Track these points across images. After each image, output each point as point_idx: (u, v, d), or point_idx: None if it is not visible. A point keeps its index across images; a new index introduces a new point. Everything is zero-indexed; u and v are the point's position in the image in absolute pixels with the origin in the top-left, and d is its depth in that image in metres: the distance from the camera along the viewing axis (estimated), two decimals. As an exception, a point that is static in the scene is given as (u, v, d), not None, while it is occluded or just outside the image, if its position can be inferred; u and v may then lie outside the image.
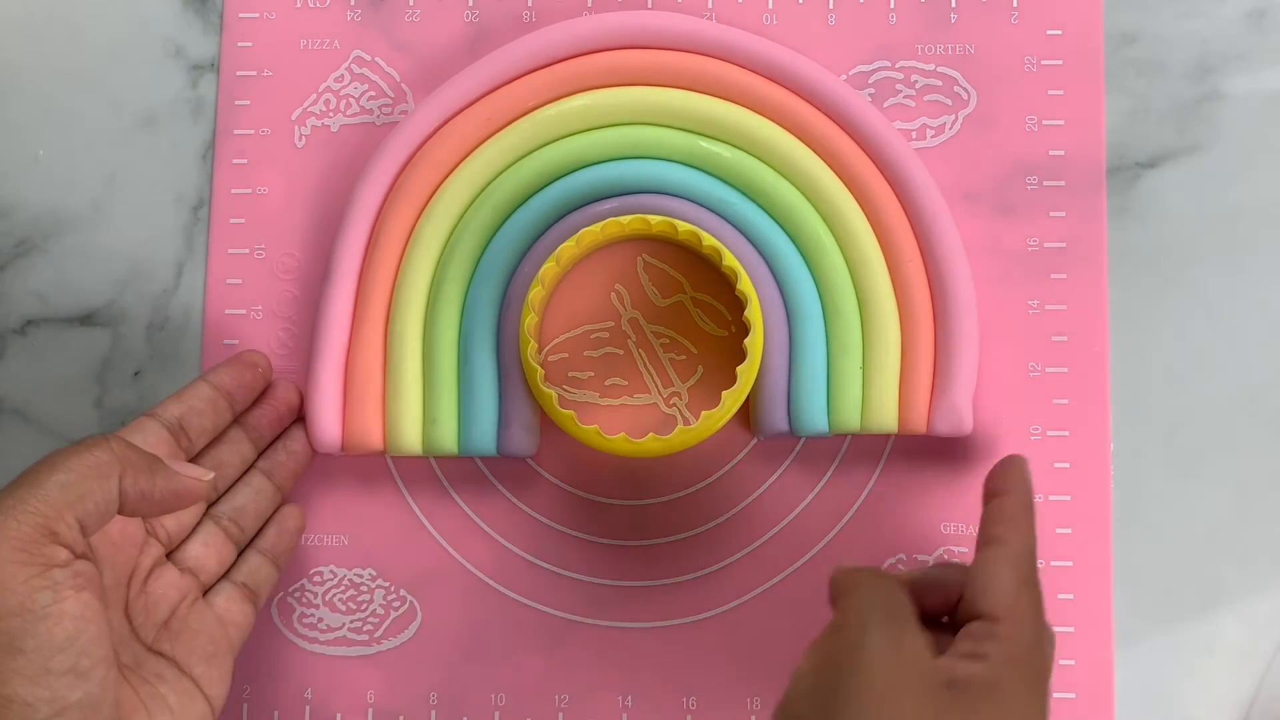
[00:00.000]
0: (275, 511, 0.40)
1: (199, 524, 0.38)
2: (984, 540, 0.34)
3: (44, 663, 0.29)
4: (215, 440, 0.39)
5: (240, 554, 0.39)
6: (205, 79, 0.44)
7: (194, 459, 0.38)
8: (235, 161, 0.44)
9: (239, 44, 0.44)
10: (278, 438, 0.41)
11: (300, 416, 0.41)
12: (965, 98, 0.43)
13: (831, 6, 0.43)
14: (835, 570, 0.34)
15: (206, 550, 0.38)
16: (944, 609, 0.34)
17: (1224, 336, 0.42)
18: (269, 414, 0.40)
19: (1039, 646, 0.33)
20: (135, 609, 0.35)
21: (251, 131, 0.44)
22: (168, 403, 0.37)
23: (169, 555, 0.37)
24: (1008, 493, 0.35)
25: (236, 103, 0.44)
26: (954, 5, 0.43)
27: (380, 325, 0.41)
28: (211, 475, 0.34)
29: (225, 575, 0.38)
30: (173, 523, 0.37)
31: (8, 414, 0.43)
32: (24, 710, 0.29)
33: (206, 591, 0.37)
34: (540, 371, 0.38)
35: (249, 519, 0.39)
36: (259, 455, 0.40)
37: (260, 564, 0.39)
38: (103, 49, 0.44)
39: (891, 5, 0.43)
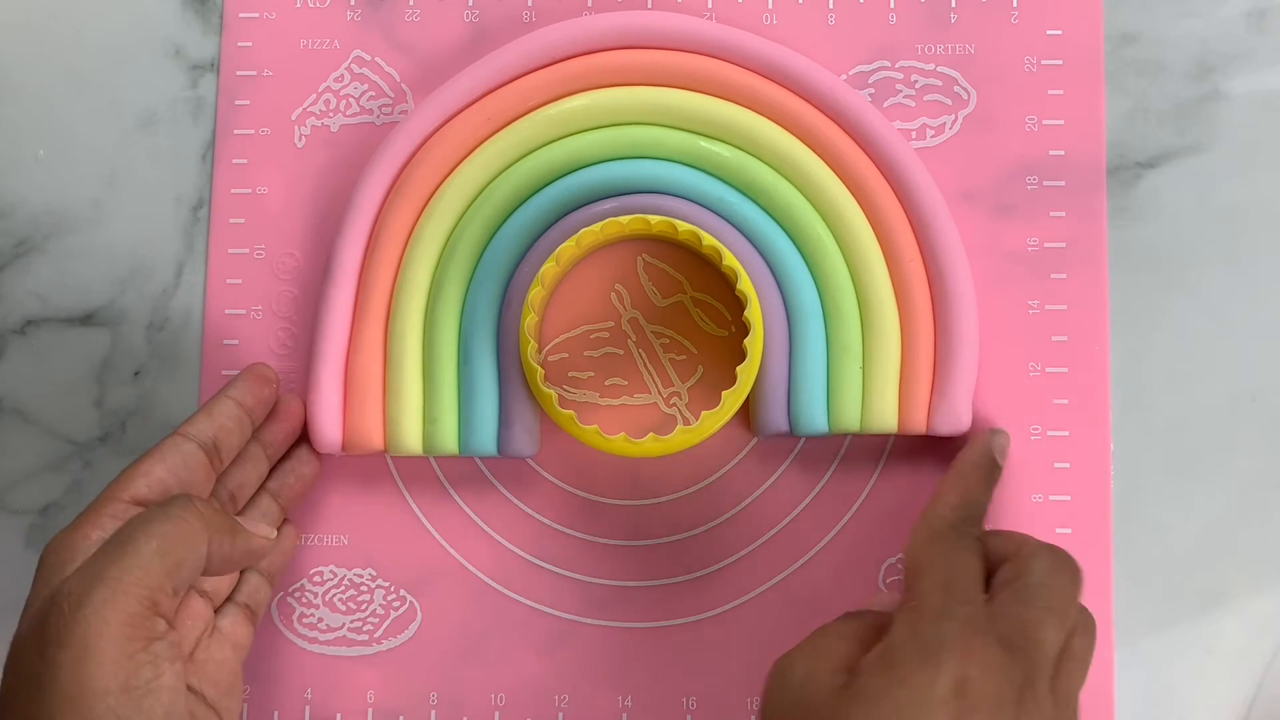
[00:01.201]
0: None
1: None
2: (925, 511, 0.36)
3: None
4: (238, 459, 0.39)
5: (241, 573, 0.39)
6: (205, 79, 0.44)
7: (219, 477, 0.38)
8: (235, 161, 0.44)
9: (239, 44, 0.44)
10: (287, 458, 0.41)
11: (306, 436, 0.41)
12: (965, 98, 0.43)
13: (831, 6, 0.43)
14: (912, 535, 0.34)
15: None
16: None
17: (1224, 336, 0.42)
18: (284, 430, 0.40)
19: (1065, 583, 0.32)
20: None
21: (251, 131, 0.44)
22: (199, 421, 0.37)
23: None
24: (964, 472, 0.37)
25: (236, 103, 0.44)
26: (954, 5, 0.43)
27: (380, 325, 0.41)
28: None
29: (229, 596, 0.38)
30: None
31: (8, 414, 0.43)
32: None
33: (216, 613, 0.38)
34: (540, 371, 0.38)
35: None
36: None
37: (259, 583, 0.39)
38: (103, 49, 0.44)
39: (891, 5, 0.43)
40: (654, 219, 0.39)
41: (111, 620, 0.29)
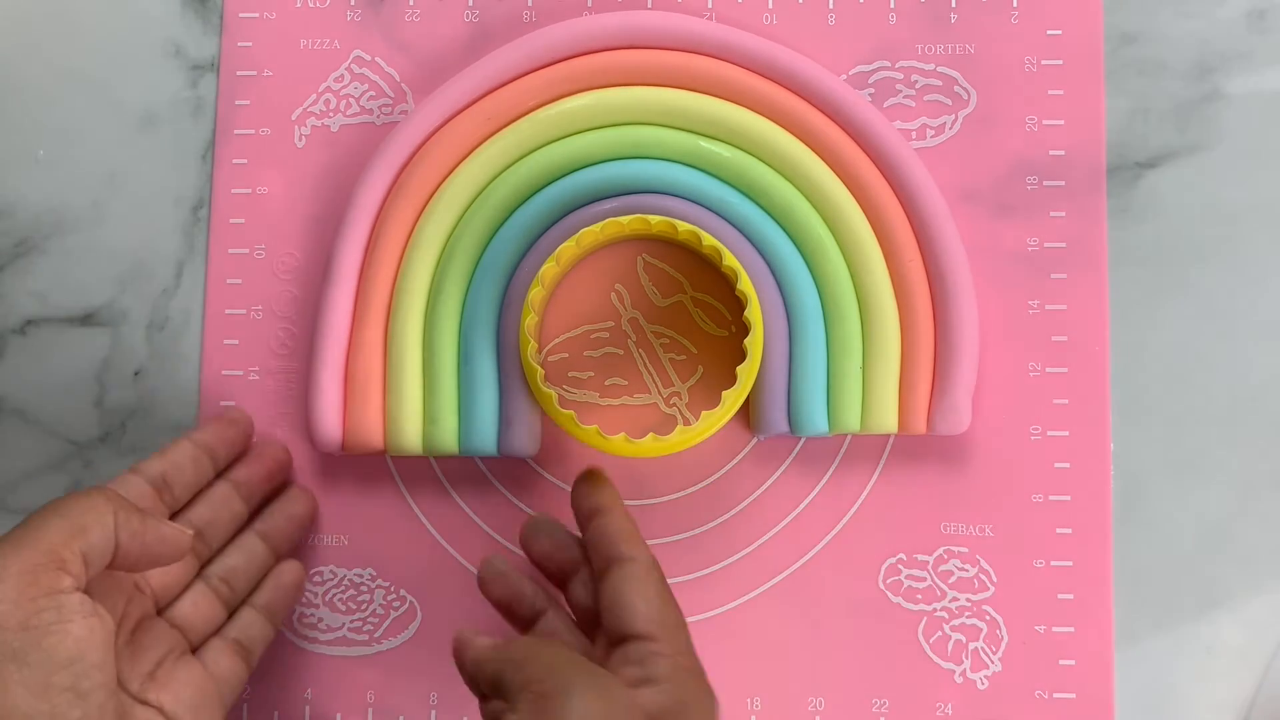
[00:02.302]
0: (273, 567, 0.40)
1: (191, 583, 0.38)
2: (608, 559, 0.35)
3: (46, 677, 0.30)
4: (203, 498, 0.39)
5: (234, 610, 0.38)
6: (205, 79, 0.44)
7: (178, 514, 0.38)
8: (235, 161, 0.44)
9: (239, 44, 0.44)
10: (277, 499, 0.41)
11: (292, 480, 0.42)
12: (965, 98, 0.43)
13: (831, 6, 0.43)
14: (480, 652, 0.33)
15: (195, 610, 0.37)
16: (547, 558, 0.37)
17: (1224, 336, 0.42)
18: (258, 470, 0.40)
19: (692, 649, 0.34)
20: (122, 658, 0.34)
21: (251, 131, 0.44)
22: (151, 459, 0.38)
23: (160, 612, 0.37)
24: (609, 509, 0.36)
25: (236, 103, 0.44)
26: (954, 5, 0.43)
27: (380, 325, 0.41)
28: (192, 533, 0.34)
29: (217, 632, 0.38)
30: (158, 580, 0.37)
31: (8, 414, 0.43)
32: None
33: (197, 649, 0.37)
34: (540, 371, 0.38)
35: (240, 580, 0.39)
36: (254, 514, 0.40)
37: (254, 620, 0.38)
38: (103, 49, 0.44)
39: (891, 5, 0.43)
40: (654, 219, 0.39)
41: (11, 566, 0.30)
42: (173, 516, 0.38)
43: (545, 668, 0.31)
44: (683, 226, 0.39)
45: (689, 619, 0.42)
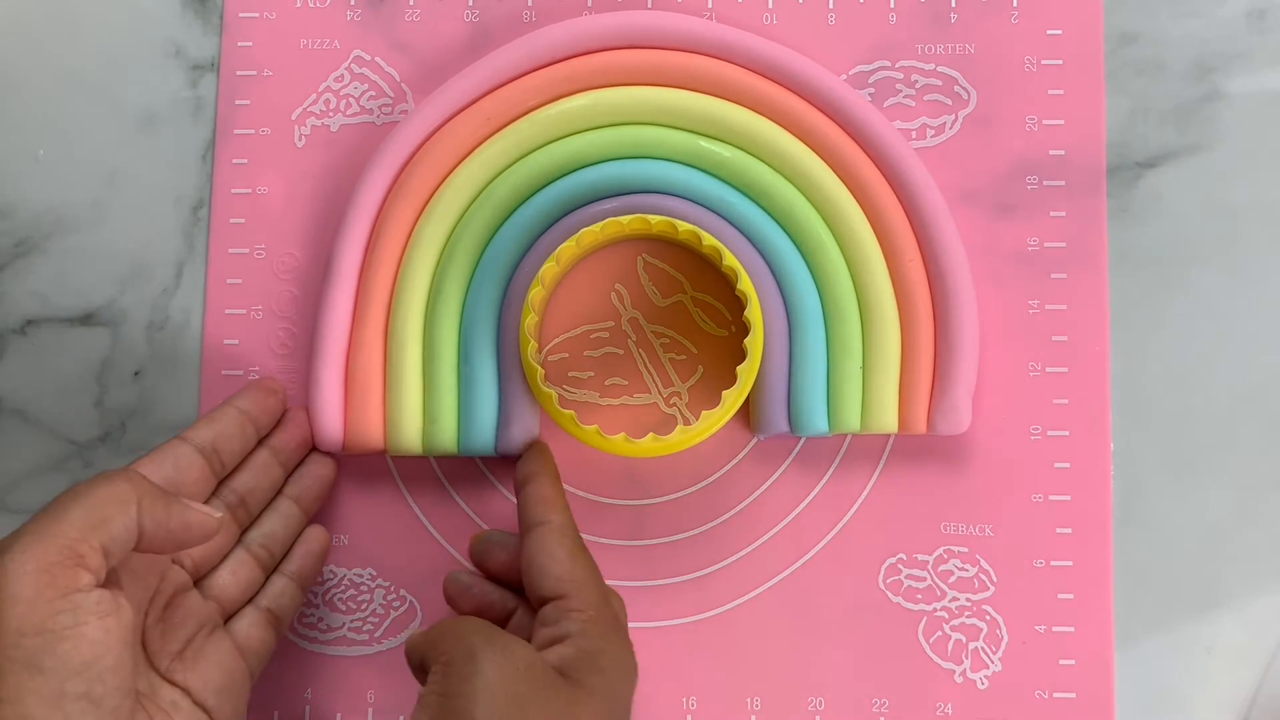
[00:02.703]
0: (301, 533, 0.40)
1: (231, 551, 0.38)
2: (527, 524, 0.37)
3: (60, 684, 0.29)
4: (245, 465, 0.39)
5: (266, 579, 0.39)
6: (205, 79, 0.44)
7: (224, 481, 0.38)
8: (235, 161, 0.44)
9: (239, 44, 0.44)
10: (303, 463, 0.41)
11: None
12: (965, 98, 0.43)
13: (831, 6, 0.43)
14: (411, 639, 0.35)
15: (235, 578, 0.38)
16: (507, 569, 0.38)
17: (1224, 336, 0.42)
18: (296, 436, 0.41)
19: (607, 602, 0.35)
20: (152, 636, 0.35)
21: (251, 131, 0.44)
22: (198, 427, 0.38)
23: (197, 582, 0.37)
24: (538, 476, 0.38)
25: (236, 103, 0.44)
26: (954, 5, 0.43)
27: (380, 325, 0.41)
28: (222, 514, 0.34)
29: (250, 600, 0.38)
30: (199, 550, 0.37)
31: (8, 414, 0.43)
32: None
33: (230, 618, 0.37)
34: (540, 371, 0.38)
35: (278, 544, 0.39)
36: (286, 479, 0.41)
37: (285, 587, 0.39)
38: (103, 49, 0.44)
39: (891, 5, 0.43)
40: (654, 219, 0.39)
41: (28, 565, 0.29)
42: (220, 484, 0.38)
43: (454, 638, 0.33)
44: (683, 226, 0.39)
45: (689, 619, 0.42)
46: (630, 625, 0.41)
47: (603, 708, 0.33)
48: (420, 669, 0.34)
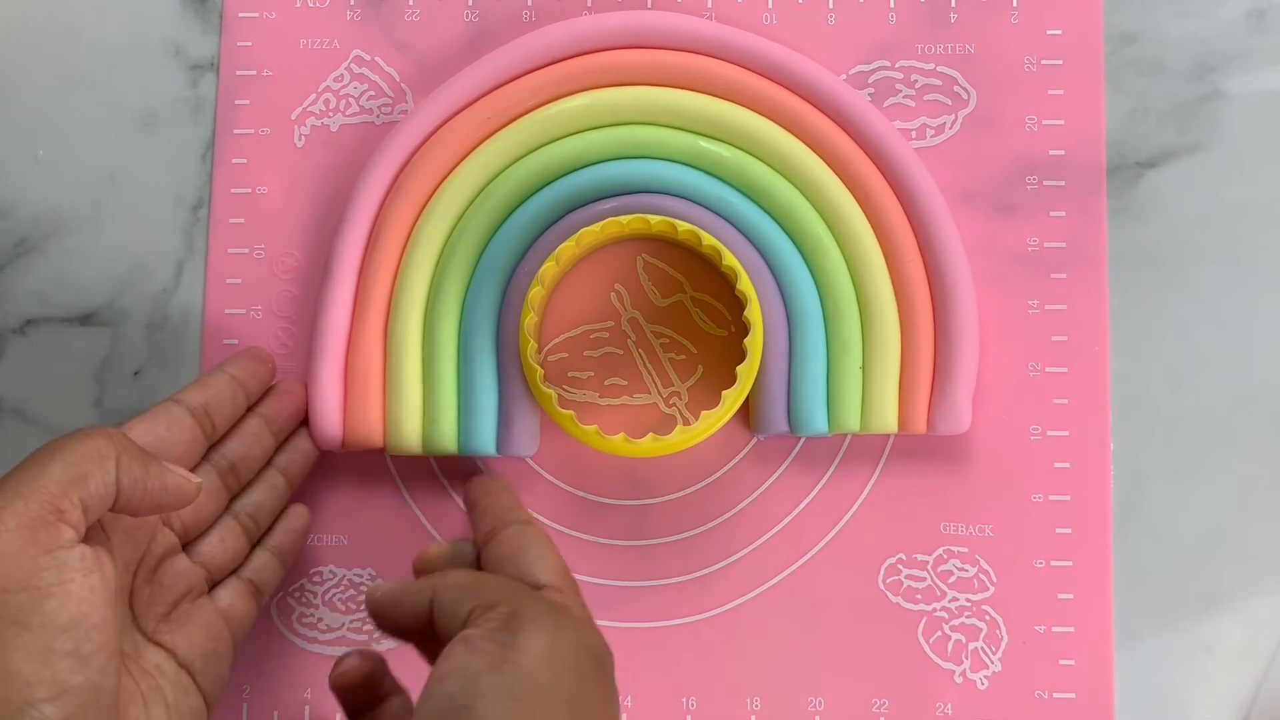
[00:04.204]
0: (284, 510, 0.40)
1: (220, 518, 0.38)
2: (503, 523, 0.35)
3: (48, 641, 0.29)
4: (237, 432, 0.39)
5: (250, 550, 0.39)
6: (205, 79, 0.44)
7: (216, 446, 0.38)
8: (235, 161, 0.44)
9: (239, 44, 0.44)
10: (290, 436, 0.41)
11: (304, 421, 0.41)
12: (965, 97, 0.43)
13: (831, 6, 0.43)
14: (393, 591, 0.33)
15: (222, 545, 0.38)
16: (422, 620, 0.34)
17: (1224, 336, 0.42)
18: (289, 406, 0.40)
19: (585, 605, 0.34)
20: (140, 597, 0.35)
21: (251, 131, 0.44)
22: (191, 389, 0.38)
23: (185, 547, 0.37)
24: (500, 490, 0.37)
25: (236, 102, 0.44)
26: (954, 5, 0.43)
27: (380, 325, 0.41)
28: (200, 481, 0.34)
29: (234, 571, 0.38)
30: (190, 514, 0.37)
31: (8, 414, 0.43)
32: (23, 689, 0.28)
33: (214, 586, 0.37)
34: (540, 371, 0.38)
35: (265, 515, 0.39)
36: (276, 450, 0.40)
37: (267, 561, 0.39)
38: (103, 49, 0.44)
39: (891, 5, 0.43)
40: (654, 219, 0.39)
41: (10, 522, 0.29)
42: (211, 448, 0.38)
43: (515, 594, 0.31)
44: (682, 226, 0.39)
45: (689, 619, 0.42)
46: (630, 625, 0.42)
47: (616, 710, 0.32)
48: (433, 619, 0.32)
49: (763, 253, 0.41)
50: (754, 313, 0.39)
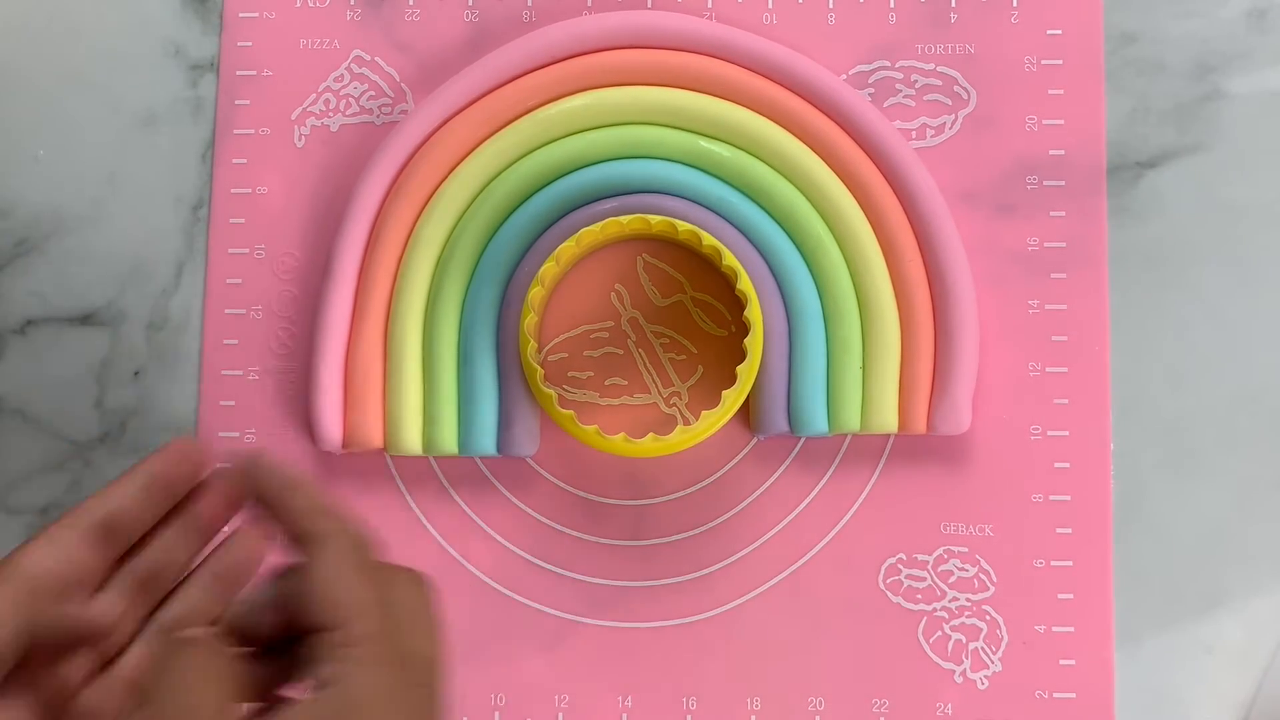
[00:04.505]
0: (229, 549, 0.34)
1: (139, 632, 0.32)
2: (302, 540, 0.29)
3: None
4: (156, 535, 0.32)
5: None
6: (205, 79, 0.44)
7: (130, 554, 0.32)
8: (235, 161, 0.44)
9: (239, 44, 0.44)
10: (231, 536, 0.34)
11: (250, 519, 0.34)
12: (965, 97, 0.43)
13: (831, 6, 0.43)
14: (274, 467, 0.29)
15: (148, 656, 0.31)
16: (294, 624, 0.28)
17: (1224, 336, 0.42)
18: (216, 502, 0.33)
19: (392, 633, 0.29)
20: None
21: (251, 131, 0.44)
22: (93, 500, 0.31)
23: (106, 664, 0.32)
24: (299, 484, 0.30)
25: (236, 102, 0.44)
26: (954, 5, 0.43)
27: (380, 325, 0.41)
28: (115, 617, 0.30)
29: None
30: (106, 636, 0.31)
31: (8, 414, 0.43)
32: None
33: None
34: (540, 371, 0.38)
35: (195, 621, 0.32)
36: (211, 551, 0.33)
37: (201, 596, 0.33)
38: (103, 50, 0.44)
39: (891, 5, 0.43)
40: (654, 219, 0.39)
41: None
42: (121, 559, 0.32)
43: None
44: (683, 226, 0.39)
45: (689, 619, 0.42)
46: (630, 625, 0.41)
47: None
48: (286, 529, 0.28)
49: (763, 253, 0.41)
50: (754, 313, 0.39)
